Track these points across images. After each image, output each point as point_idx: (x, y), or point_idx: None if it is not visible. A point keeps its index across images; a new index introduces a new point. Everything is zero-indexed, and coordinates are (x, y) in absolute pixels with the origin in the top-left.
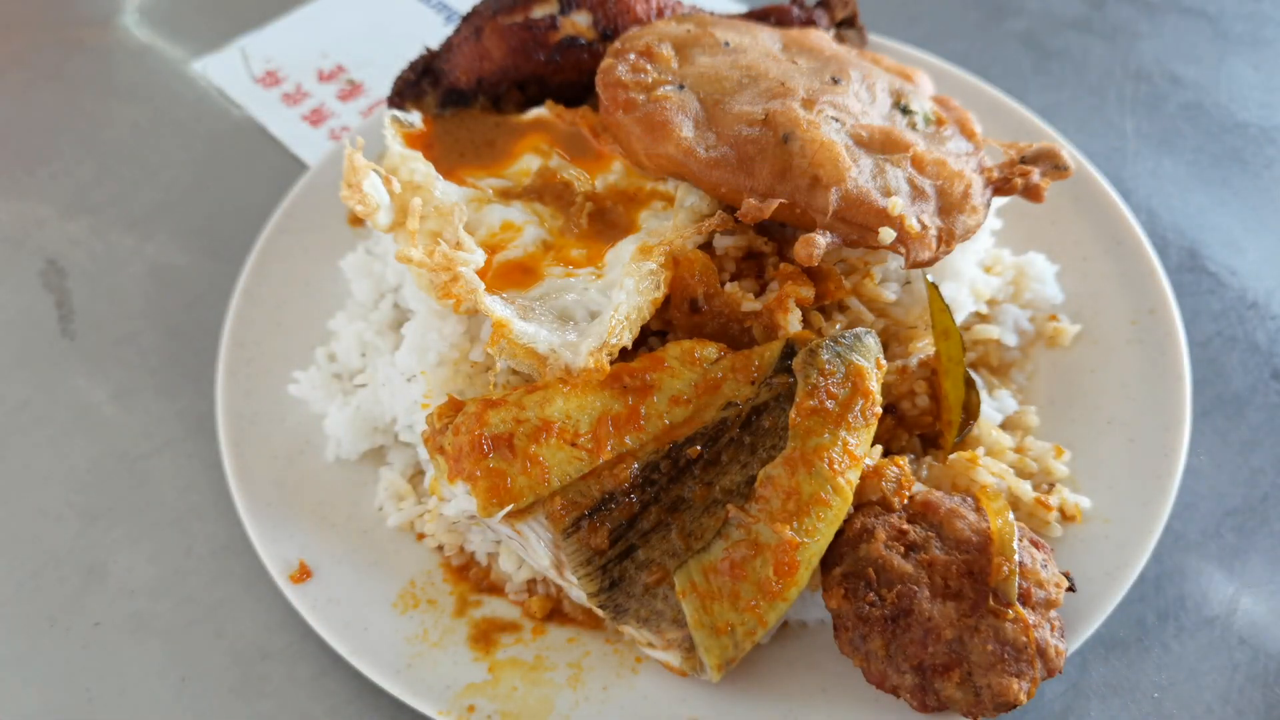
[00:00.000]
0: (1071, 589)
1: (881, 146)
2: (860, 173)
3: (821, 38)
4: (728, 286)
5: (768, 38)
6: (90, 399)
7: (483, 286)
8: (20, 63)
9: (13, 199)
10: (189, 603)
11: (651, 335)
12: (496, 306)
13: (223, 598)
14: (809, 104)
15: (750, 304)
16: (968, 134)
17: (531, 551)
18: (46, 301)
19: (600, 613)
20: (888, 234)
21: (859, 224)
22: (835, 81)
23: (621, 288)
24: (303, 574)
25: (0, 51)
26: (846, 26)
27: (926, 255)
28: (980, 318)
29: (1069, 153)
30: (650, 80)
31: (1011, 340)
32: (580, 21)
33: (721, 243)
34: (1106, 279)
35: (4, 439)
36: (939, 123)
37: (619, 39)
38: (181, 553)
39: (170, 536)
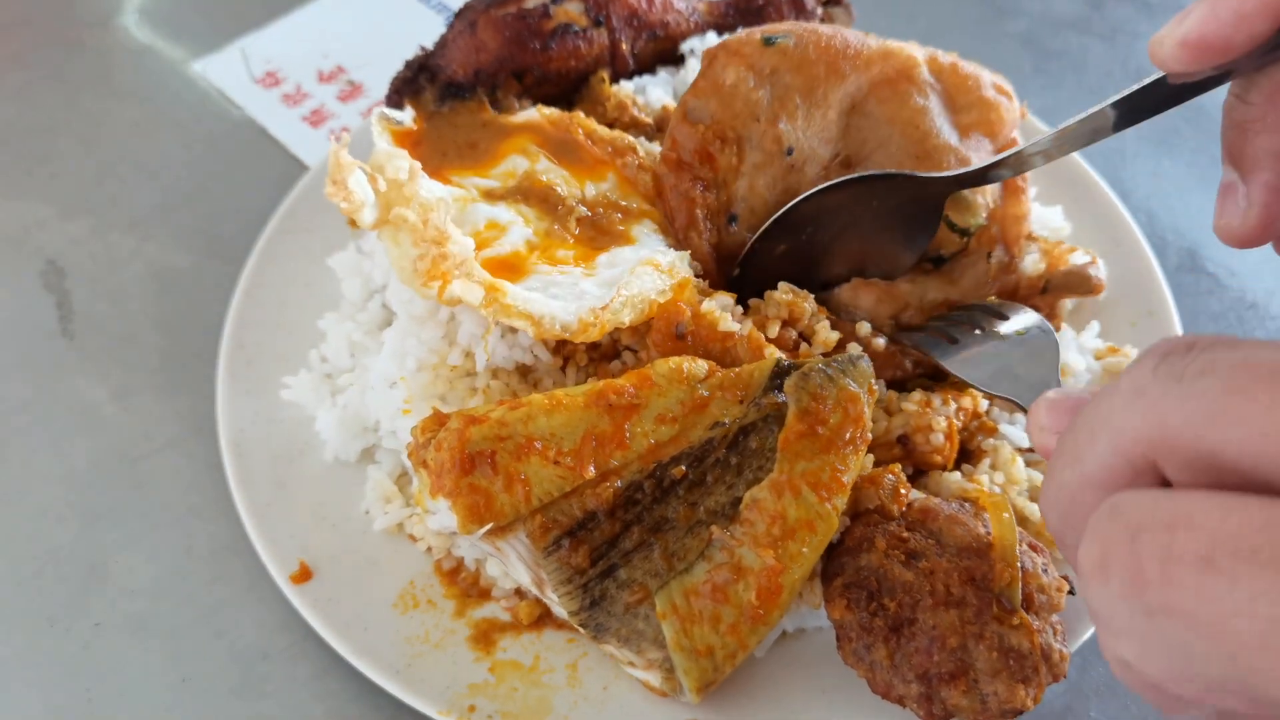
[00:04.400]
0: (1072, 592)
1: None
2: None
3: (903, 93)
4: (705, 305)
5: (837, 108)
6: (90, 399)
7: (473, 253)
8: (20, 63)
9: (13, 199)
10: (189, 603)
11: (625, 349)
12: (488, 276)
13: (223, 598)
14: None
15: (728, 324)
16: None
17: (512, 568)
18: (46, 301)
19: (581, 631)
20: None
21: None
22: None
23: (634, 274)
24: (303, 574)
25: (0, 52)
26: (833, 4)
27: None
28: None
29: (1100, 271)
30: (711, 203)
31: None
32: (572, 9)
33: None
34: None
35: (4, 439)
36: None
37: (685, 101)
38: (181, 553)
39: (170, 536)
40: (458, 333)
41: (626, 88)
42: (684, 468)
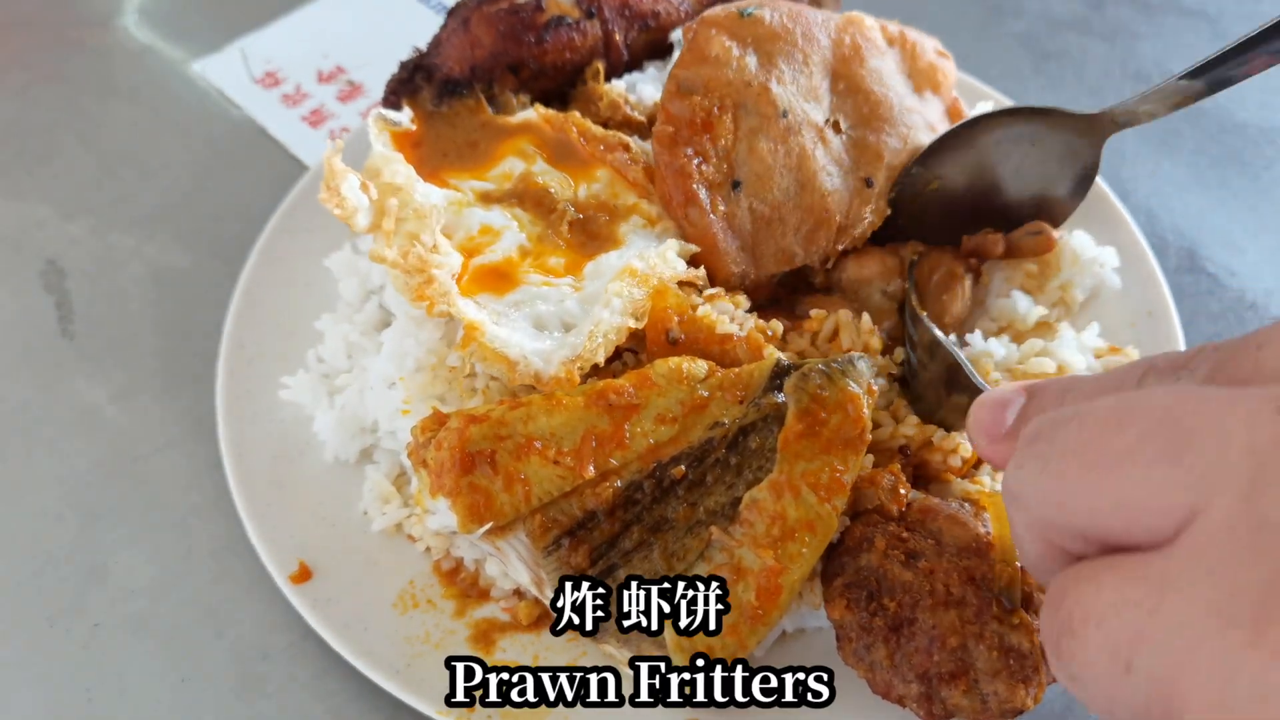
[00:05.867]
0: None
1: None
2: None
3: (871, 55)
4: (700, 310)
5: (819, 73)
6: (90, 399)
7: (456, 289)
8: (20, 63)
9: (13, 199)
10: (189, 603)
11: (624, 350)
12: (469, 310)
13: (223, 598)
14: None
15: (725, 326)
16: None
17: (512, 568)
18: (46, 302)
19: (580, 631)
20: None
21: None
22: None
23: (607, 305)
24: (303, 574)
25: (0, 51)
26: None
27: None
28: None
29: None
30: (711, 175)
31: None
32: (564, 2)
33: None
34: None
35: (4, 439)
36: None
37: (675, 75)
38: (181, 553)
39: (170, 536)
40: (456, 333)
41: (618, 86)
42: (684, 468)
